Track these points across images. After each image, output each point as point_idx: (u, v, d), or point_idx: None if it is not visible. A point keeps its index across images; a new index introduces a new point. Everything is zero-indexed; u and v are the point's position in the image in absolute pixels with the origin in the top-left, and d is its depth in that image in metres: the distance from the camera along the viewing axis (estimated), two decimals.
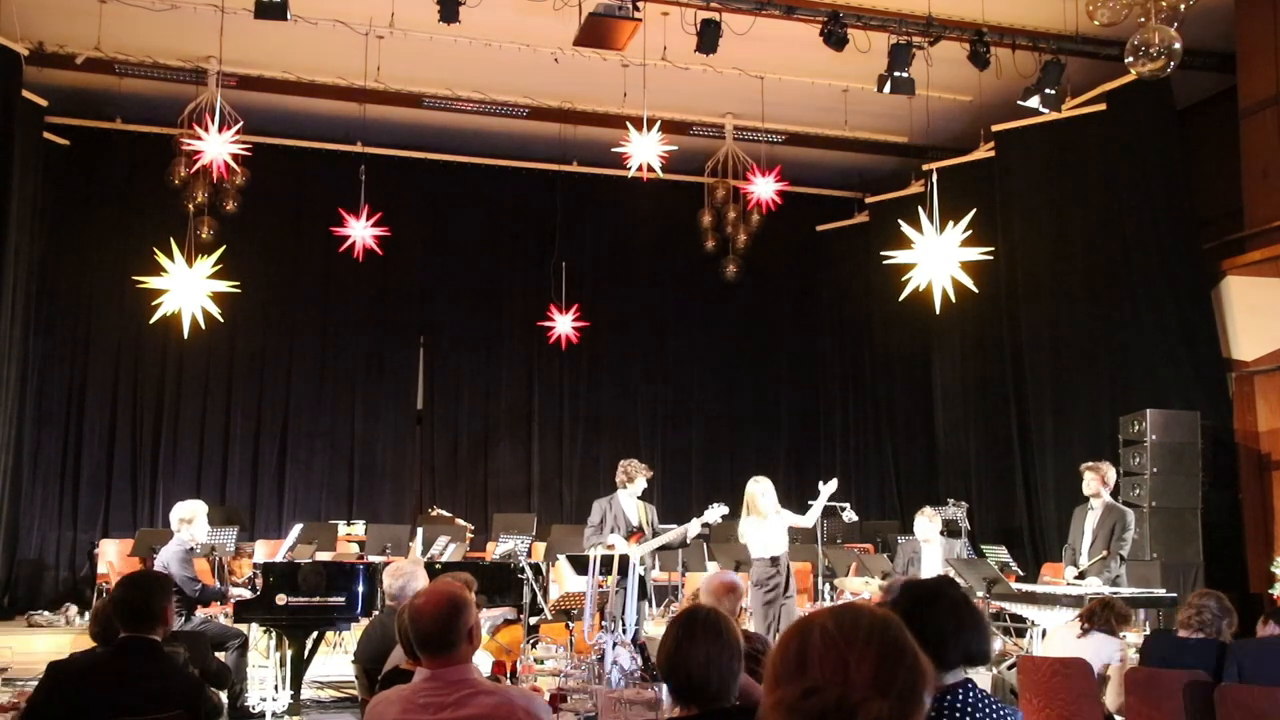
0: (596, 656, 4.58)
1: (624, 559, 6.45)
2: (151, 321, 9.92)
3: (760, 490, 7.91)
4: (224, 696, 6.39)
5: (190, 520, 7.24)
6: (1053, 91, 9.69)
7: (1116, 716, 5.21)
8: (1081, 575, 7.55)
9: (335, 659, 8.85)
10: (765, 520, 7.85)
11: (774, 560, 7.75)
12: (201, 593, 7.07)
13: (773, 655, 1.47)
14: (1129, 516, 7.63)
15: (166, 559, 7.11)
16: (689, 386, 14.03)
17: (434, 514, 11.64)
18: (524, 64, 10.90)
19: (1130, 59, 7.00)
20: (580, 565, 7.15)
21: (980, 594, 7.20)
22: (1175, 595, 7.56)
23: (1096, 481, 7.66)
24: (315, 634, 7.34)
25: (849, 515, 10.41)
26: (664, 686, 3.00)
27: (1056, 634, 5.93)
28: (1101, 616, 5.48)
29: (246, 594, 7.26)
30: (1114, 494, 8.00)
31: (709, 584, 4.82)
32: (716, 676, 2.63)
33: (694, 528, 8.11)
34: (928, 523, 8.45)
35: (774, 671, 1.44)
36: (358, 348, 12.99)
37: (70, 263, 12.04)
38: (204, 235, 10.96)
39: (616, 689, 4.00)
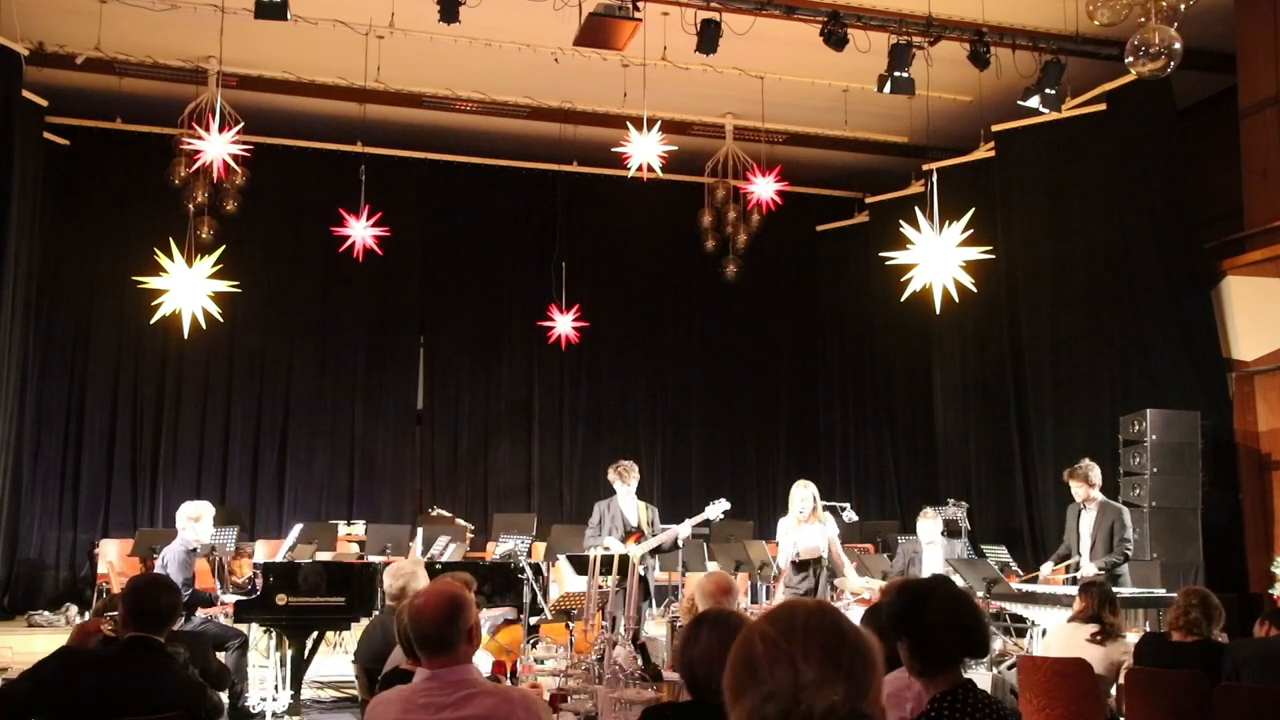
0: (596, 656, 4.58)
1: (624, 559, 6.45)
2: (151, 321, 9.91)
3: (794, 495, 7.85)
4: (224, 697, 6.39)
5: (197, 519, 7.24)
6: (1053, 91, 9.69)
7: (1120, 718, 5.21)
8: (1071, 569, 7.61)
9: (335, 659, 8.86)
10: (799, 525, 7.78)
11: (800, 565, 7.72)
12: (191, 596, 7.04)
13: (726, 673, 1.51)
14: (1125, 514, 7.66)
15: (167, 559, 7.11)
16: (689, 386, 14.03)
17: (434, 514, 11.63)
18: (524, 64, 10.90)
19: (1130, 59, 6.99)
20: (580, 565, 7.15)
21: (980, 594, 7.19)
22: (1175, 596, 7.57)
23: (1083, 487, 7.69)
24: (315, 634, 7.34)
25: (849, 515, 10.41)
26: None
27: (1058, 633, 5.92)
28: (1109, 623, 5.48)
29: (235, 598, 7.27)
30: (1114, 491, 8.02)
31: (703, 585, 4.79)
32: (718, 674, 2.66)
33: (685, 529, 8.09)
34: (929, 524, 8.42)
35: (730, 688, 1.50)
36: (358, 348, 12.99)
37: (70, 263, 12.04)
38: (204, 235, 10.96)
39: (616, 689, 4.00)
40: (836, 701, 1.42)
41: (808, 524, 7.75)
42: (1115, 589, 7.04)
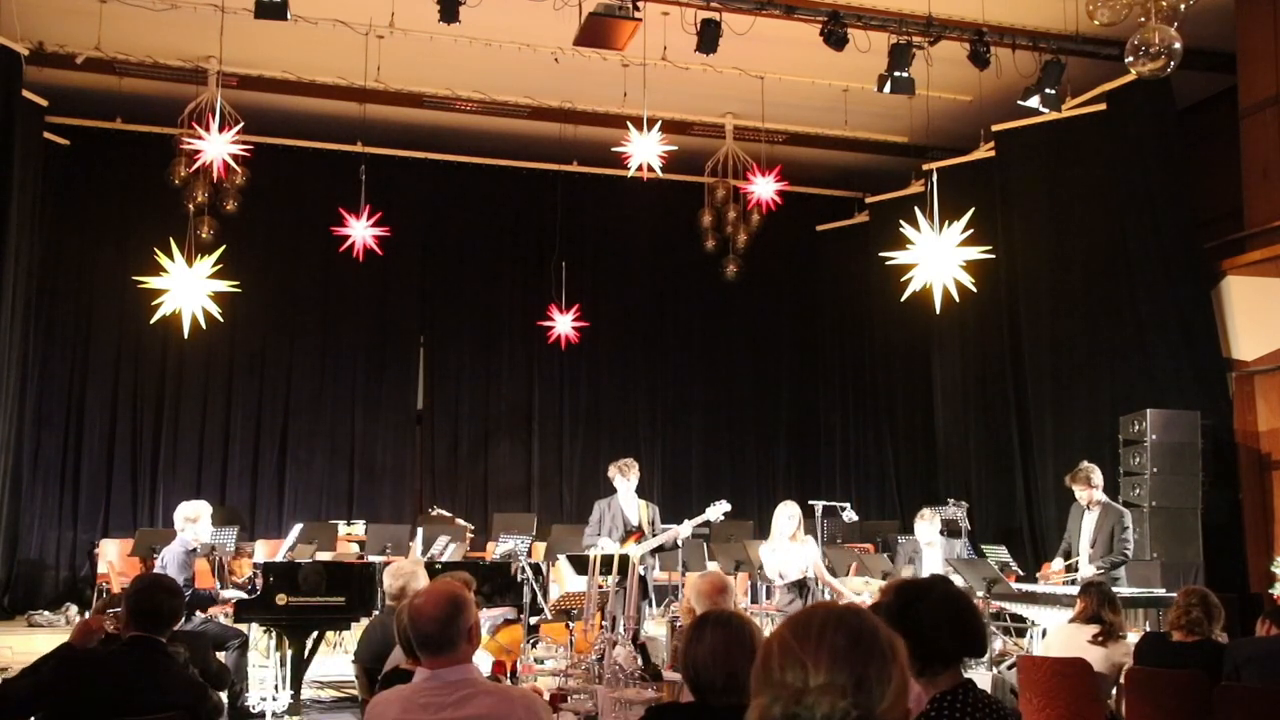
0: (596, 656, 4.57)
1: (624, 559, 6.44)
2: (151, 321, 9.92)
3: (778, 514, 7.82)
4: (224, 697, 6.39)
5: (195, 520, 7.24)
6: (1053, 91, 9.69)
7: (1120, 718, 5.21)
8: (1072, 568, 7.61)
9: (335, 659, 8.86)
10: (777, 545, 7.76)
11: (790, 587, 7.70)
12: (190, 596, 7.03)
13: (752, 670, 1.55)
14: (1127, 516, 7.68)
15: (167, 559, 7.11)
16: (689, 386, 14.03)
17: (434, 514, 11.63)
18: (524, 64, 10.90)
19: (1130, 59, 6.99)
20: (580, 565, 7.15)
21: (980, 594, 7.19)
22: (1175, 596, 7.57)
23: (1085, 490, 7.70)
24: (315, 634, 7.34)
25: (849, 515, 10.41)
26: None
27: (1059, 634, 5.92)
28: (1110, 622, 5.48)
29: (235, 596, 7.27)
30: (1113, 491, 8.03)
31: (698, 585, 4.77)
32: (721, 675, 2.68)
33: (685, 529, 8.08)
34: (928, 525, 8.41)
35: (752, 688, 1.53)
36: (358, 348, 12.99)
37: (70, 263, 12.04)
38: (204, 235, 10.96)
39: (616, 689, 3.99)
40: (842, 707, 1.42)
41: (791, 545, 7.72)
42: (1115, 589, 7.06)
